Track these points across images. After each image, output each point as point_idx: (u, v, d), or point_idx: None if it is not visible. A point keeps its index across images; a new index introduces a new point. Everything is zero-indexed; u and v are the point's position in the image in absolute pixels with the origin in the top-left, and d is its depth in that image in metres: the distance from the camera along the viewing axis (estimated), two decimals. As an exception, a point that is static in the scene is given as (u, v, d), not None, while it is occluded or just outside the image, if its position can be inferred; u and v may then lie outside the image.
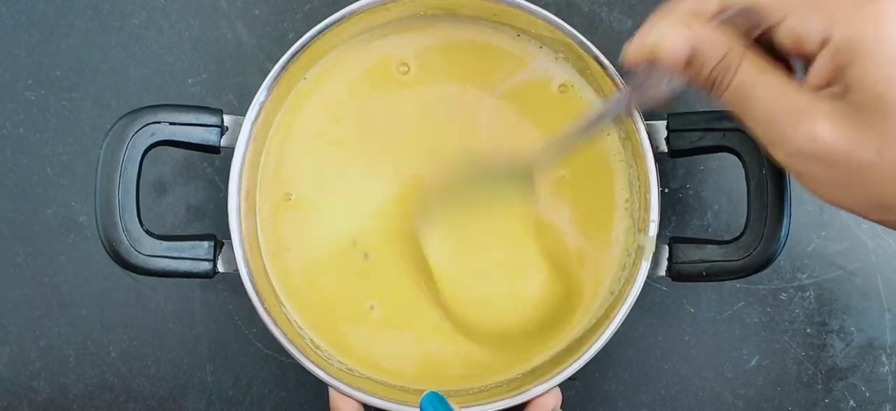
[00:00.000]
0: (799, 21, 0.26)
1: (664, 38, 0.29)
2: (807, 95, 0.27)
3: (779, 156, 0.28)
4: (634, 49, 0.31)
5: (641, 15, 0.48)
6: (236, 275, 0.39)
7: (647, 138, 0.39)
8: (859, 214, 0.28)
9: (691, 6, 0.29)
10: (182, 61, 0.48)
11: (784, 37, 0.27)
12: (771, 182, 0.37)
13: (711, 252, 0.38)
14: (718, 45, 0.28)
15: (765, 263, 0.37)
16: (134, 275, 0.46)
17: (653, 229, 0.39)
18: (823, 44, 0.26)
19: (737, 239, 0.38)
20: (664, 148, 0.39)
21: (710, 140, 0.38)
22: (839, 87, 0.26)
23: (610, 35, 0.48)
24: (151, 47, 0.48)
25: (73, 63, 0.48)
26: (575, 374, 0.38)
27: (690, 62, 0.29)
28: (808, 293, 0.47)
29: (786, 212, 0.37)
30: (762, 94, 0.27)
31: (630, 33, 0.48)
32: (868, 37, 0.24)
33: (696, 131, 0.38)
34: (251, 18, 0.48)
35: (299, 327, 0.41)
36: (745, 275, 0.38)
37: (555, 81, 0.42)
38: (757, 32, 0.28)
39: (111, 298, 0.47)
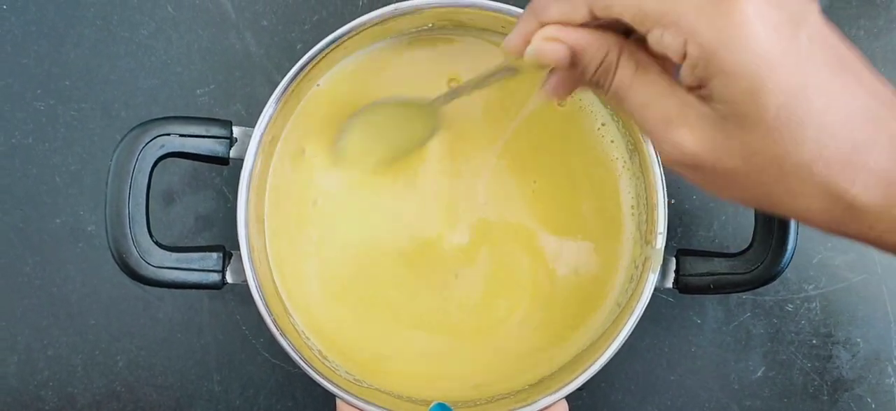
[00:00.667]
0: (658, 36, 0.25)
1: (542, 50, 0.28)
2: (678, 99, 0.26)
3: (661, 158, 0.28)
4: (513, 46, 0.30)
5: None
6: (245, 286, 0.39)
7: (654, 150, 0.39)
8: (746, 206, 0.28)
9: (562, 14, 0.28)
10: (191, 71, 0.48)
11: (652, 46, 0.27)
12: (778, 195, 0.37)
13: (718, 264, 0.38)
14: (596, 48, 0.28)
15: (772, 277, 0.38)
16: (142, 285, 0.46)
17: (660, 241, 0.39)
18: (683, 57, 0.25)
19: (744, 252, 0.38)
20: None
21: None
22: (705, 91, 0.25)
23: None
24: (160, 57, 0.48)
25: (83, 73, 0.48)
26: (581, 385, 0.38)
27: (573, 64, 0.29)
28: (814, 304, 0.48)
29: (792, 225, 0.37)
30: (637, 98, 0.27)
31: (636, 45, 0.48)
32: (722, 51, 0.24)
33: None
34: (259, 29, 0.48)
35: (306, 337, 0.41)
36: (752, 288, 0.38)
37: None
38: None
39: (119, 308, 0.47)
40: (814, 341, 0.47)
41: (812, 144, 0.24)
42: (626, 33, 0.28)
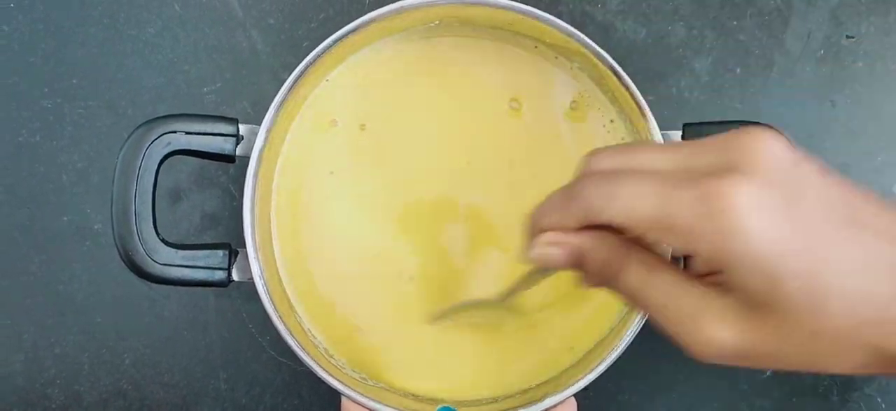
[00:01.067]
0: (657, 241, 0.25)
1: (546, 256, 0.28)
2: (698, 292, 0.25)
3: (690, 354, 0.26)
4: (528, 253, 0.30)
5: (655, 24, 0.48)
6: (251, 284, 0.39)
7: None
8: None
9: (556, 222, 0.28)
10: (197, 69, 0.48)
11: (654, 247, 0.27)
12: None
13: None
14: (596, 251, 0.27)
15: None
16: (148, 283, 0.46)
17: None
18: (692, 256, 0.25)
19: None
20: (680, 158, 0.39)
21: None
22: (723, 279, 0.25)
23: (625, 44, 0.48)
24: (167, 55, 0.48)
25: (89, 71, 0.48)
26: (587, 386, 0.38)
27: (579, 265, 0.28)
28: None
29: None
30: (653, 297, 0.26)
31: (644, 42, 0.48)
32: (727, 248, 0.23)
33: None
34: (266, 27, 0.48)
35: (313, 336, 0.41)
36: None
37: (569, 92, 0.42)
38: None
39: (125, 306, 0.47)
40: (824, 340, 0.47)
41: (841, 314, 0.23)
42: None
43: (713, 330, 0.25)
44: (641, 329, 0.38)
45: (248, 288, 0.39)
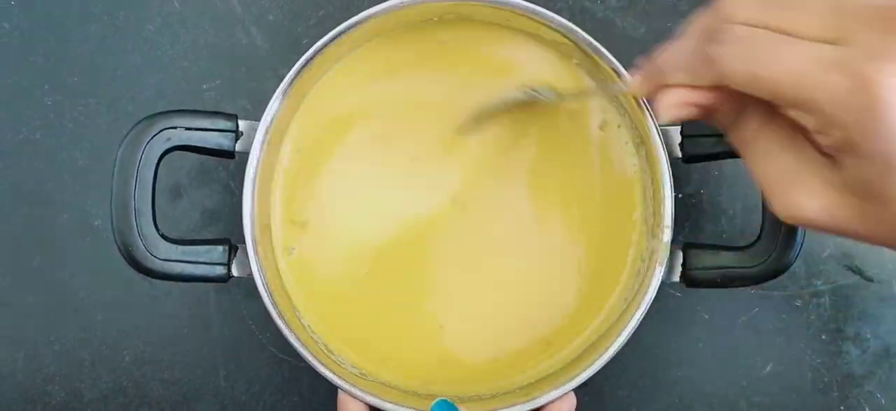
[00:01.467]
0: (795, 114, 0.25)
1: (674, 111, 0.28)
2: (805, 158, 0.25)
3: (773, 210, 0.27)
4: (638, 91, 0.30)
5: (655, 20, 0.48)
6: (250, 280, 0.39)
7: (661, 144, 0.39)
8: None
9: (686, 79, 0.27)
10: (197, 66, 0.48)
11: (786, 114, 0.26)
12: (786, 188, 0.37)
13: (726, 258, 0.38)
14: (729, 108, 0.27)
15: (780, 270, 0.37)
16: (149, 279, 0.46)
17: (667, 235, 0.38)
18: (819, 132, 0.25)
19: (752, 245, 0.38)
20: (678, 153, 0.39)
21: (724, 146, 0.38)
22: (837, 159, 0.25)
23: (623, 41, 0.48)
24: (167, 53, 0.48)
25: (90, 69, 0.48)
26: (586, 381, 0.38)
27: (703, 116, 0.28)
28: (823, 299, 0.47)
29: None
30: (759, 154, 0.27)
31: (644, 39, 0.48)
32: (859, 137, 0.23)
33: (711, 137, 0.38)
34: (266, 24, 0.48)
35: (312, 332, 0.41)
36: (761, 282, 0.38)
37: (571, 86, 0.43)
38: None
39: (126, 303, 0.47)
40: (823, 336, 0.47)
41: None
42: None
43: (806, 199, 0.25)
44: (639, 324, 0.38)
45: (248, 284, 0.39)
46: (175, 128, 0.37)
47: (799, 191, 0.25)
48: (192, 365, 0.47)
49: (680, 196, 0.47)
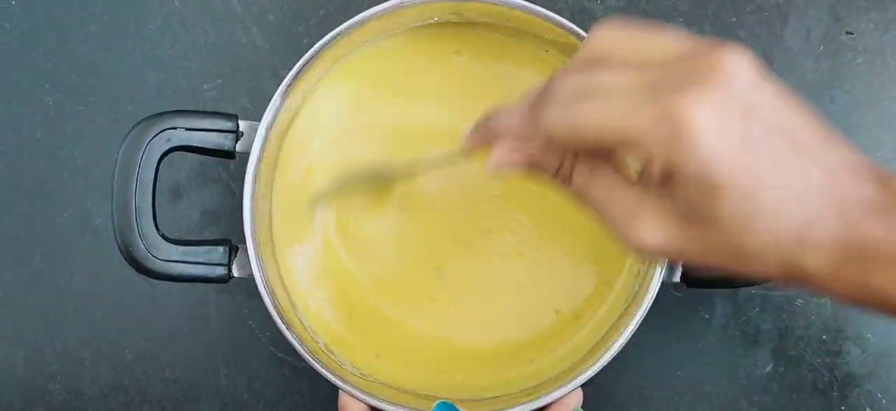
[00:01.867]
0: (620, 155, 0.26)
1: (501, 161, 0.29)
2: (636, 196, 0.27)
3: (620, 243, 0.29)
4: (470, 148, 0.31)
5: (655, 20, 0.48)
6: (251, 280, 0.39)
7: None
8: None
9: (515, 132, 0.29)
10: (197, 66, 0.48)
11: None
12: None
13: (726, 258, 0.38)
14: (552, 159, 0.29)
15: (780, 270, 0.37)
16: (148, 278, 0.47)
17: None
18: (645, 167, 0.26)
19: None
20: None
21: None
22: (664, 189, 0.26)
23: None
24: (167, 52, 0.48)
25: (90, 68, 0.48)
26: (589, 380, 0.38)
27: (531, 166, 0.30)
28: (823, 299, 0.47)
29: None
30: (594, 197, 0.28)
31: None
32: (677, 162, 0.24)
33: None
34: (266, 24, 0.48)
35: (312, 332, 0.41)
36: (762, 282, 0.38)
37: None
38: None
39: (126, 301, 0.47)
40: (824, 337, 0.47)
41: (765, 233, 0.24)
42: None
43: (645, 230, 0.27)
44: (640, 326, 0.38)
45: (249, 284, 0.39)
46: (175, 128, 0.37)
47: (640, 225, 0.27)
48: (193, 364, 0.47)
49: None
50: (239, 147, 0.39)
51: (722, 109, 0.24)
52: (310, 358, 0.38)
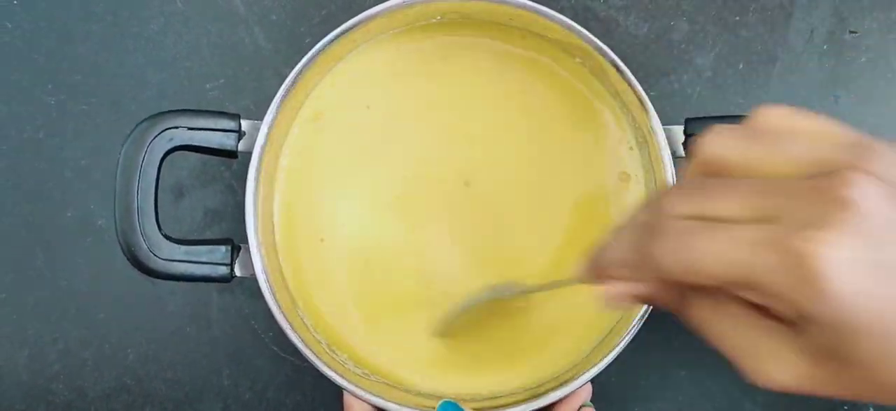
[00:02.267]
0: (743, 294, 0.25)
1: (614, 299, 0.28)
2: (765, 331, 0.25)
3: (743, 378, 0.26)
4: (585, 279, 0.30)
5: (658, 19, 0.48)
6: (253, 280, 0.39)
7: (665, 142, 0.39)
8: None
9: (625, 274, 0.27)
10: (200, 66, 0.48)
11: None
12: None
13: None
14: (667, 295, 0.27)
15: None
16: (151, 278, 0.46)
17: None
18: (770, 307, 0.24)
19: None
20: (682, 153, 0.39)
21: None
22: (797, 328, 0.24)
23: (627, 40, 0.48)
24: (169, 52, 0.48)
25: (92, 68, 0.48)
26: (589, 382, 0.38)
27: (650, 303, 0.28)
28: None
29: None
30: (716, 331, 0.26)
31: (647, 38, 0.48)
32: (810, 308, 0.22)
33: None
34: (269, 23, 0.48)
35: (315, 332, 0.41)
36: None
37: (574, 93, 0.42)
38: None
39: (128, 301, 0.47)
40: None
41: None
42: None
43: (777, 368, 0.24)
44: (643, 326, 0.38)
45: (251, 284, 0.39)
46: (177, 127, 0.37)
47: (767, 363, 0.25)
48: (195, 364, 0.47)
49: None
50: (241, 146, 0.39)
51: (853, 248, 0.22)
52: (313, 358, 0.38)
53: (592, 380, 0.38)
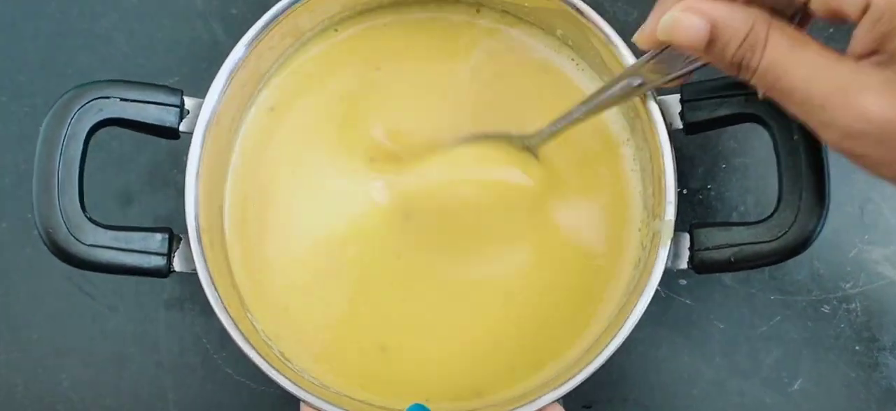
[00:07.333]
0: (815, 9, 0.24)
1: (679, 21, 0.26)
2: (849, 67, 0.24)
3: (828, 138, 0.25)
4: (648, 33, 0.29)
5: (647, 5, 0.44)
6: (196, 277, 0.34)
7: (658, 113, 0.35)
8: None
9: None
10: (154, 63, 0.44)
11: (818, 5, 0.25)
12: (805, 148, 0.32)
13: (739, 234, 0.33)
14: (741, 21, 0.25)
15: (802, 243, 0.32)
16: (91, 295, 0.42)
17: (670, 212, 0.34)
18: (863, 10, 0.23)
19: (768, 217, 0.33)
20: (679, 124, 0.35)
21: (729, 107, 0.33)
22: (884, 55, 0.23)
23: (614, 25, 0.44)
24: (121, 50, 0.45)
25: (38, 67, 0.45)
26: (590, 402, 0.33)
27: (712, 43, 0.26)
28: (853, 304, 0.42)
29: (825, 181, 0.32)
30: (799, 73, 0.25)
31: (636, 24, 0.44)
32: None
33: (714, 99, 0.34)
34: (228, 17, 0.45)
35: (267, 338, 0.36)
36: (780, 260, 0.33)
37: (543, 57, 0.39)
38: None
39: (66, 320, 0.42)
40: (856, 347, 0.41)
41: None
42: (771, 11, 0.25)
43: (869, 100, 0.23)
44: (648, 338, 0.33)
45: (203, 300, 0.33)
46: (108, 98, 0.33)
47: (859, 96, 0.24)
48: (139, 390, 0.42)
49: (685, 191, 0.43)
50: (184, 127, 0.35)
51: None
52: (264, 366, 0.33)
53: (594, 402, 0.33)
